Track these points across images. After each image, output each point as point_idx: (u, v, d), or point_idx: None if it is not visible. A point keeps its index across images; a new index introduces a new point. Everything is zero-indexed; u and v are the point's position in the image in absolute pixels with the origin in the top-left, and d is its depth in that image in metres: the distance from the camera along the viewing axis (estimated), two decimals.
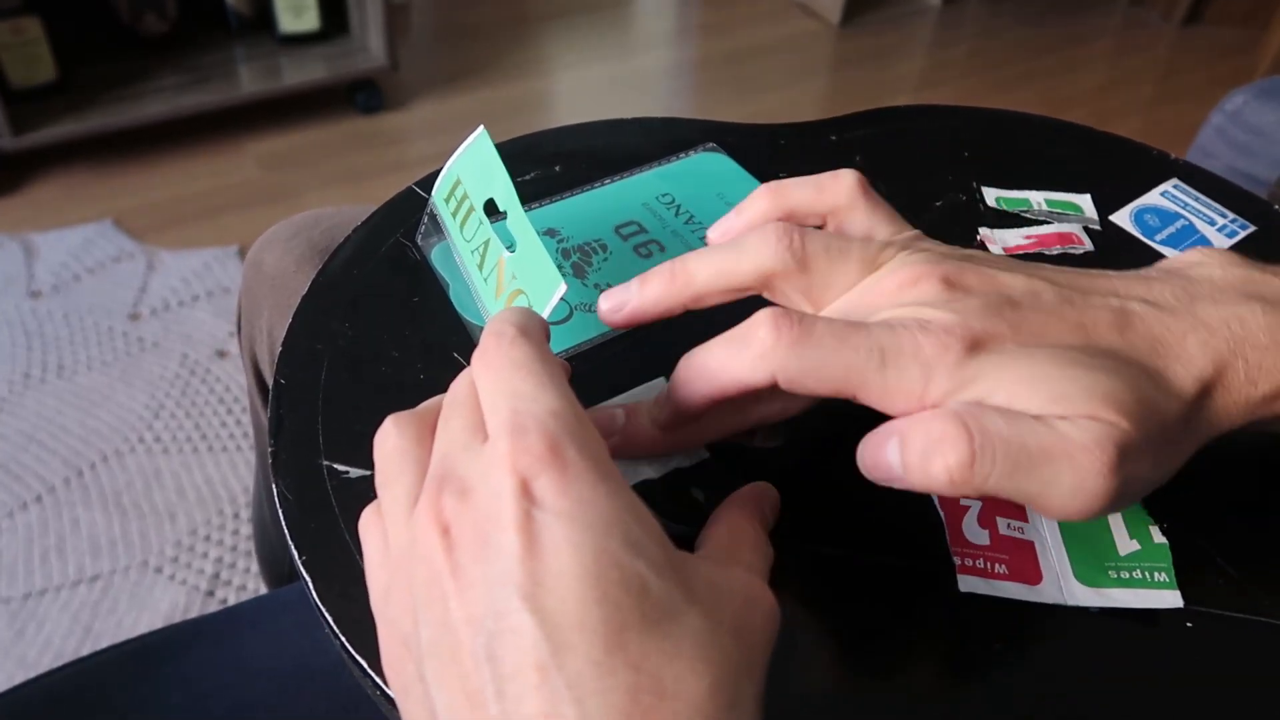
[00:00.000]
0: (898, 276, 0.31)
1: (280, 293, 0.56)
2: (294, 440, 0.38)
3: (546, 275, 0.36)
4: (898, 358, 0.28)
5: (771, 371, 0.29)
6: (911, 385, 0.28)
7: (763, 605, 0.26)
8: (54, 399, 1.29)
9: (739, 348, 0.30)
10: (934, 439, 0.27)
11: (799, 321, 0.29)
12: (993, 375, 0.28)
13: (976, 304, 0.30)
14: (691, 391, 0.31)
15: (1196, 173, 0.54)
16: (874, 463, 0.29)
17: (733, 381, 0.30)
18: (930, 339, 0.28)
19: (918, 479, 0.28)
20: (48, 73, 1.59)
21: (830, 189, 0.36)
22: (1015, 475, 0.27)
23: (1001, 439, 0.27)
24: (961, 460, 0.27)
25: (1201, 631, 0.33)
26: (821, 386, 0.29)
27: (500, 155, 0.39)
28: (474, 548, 0.24)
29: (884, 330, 0.29)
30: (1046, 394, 0.27)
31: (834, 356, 0.28)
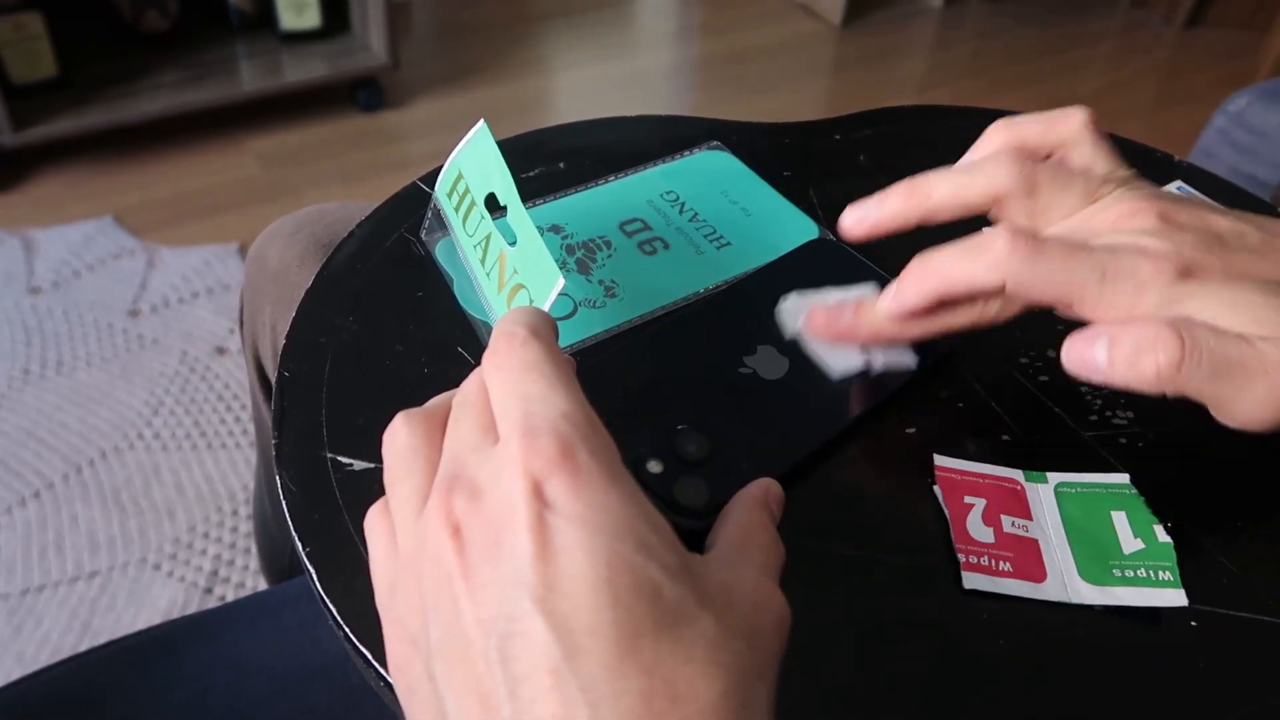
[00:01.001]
0: (1119, 208, 0.35)
1: (283, 288, 0.56)
2: (298, 433, 0.38)
3: (546, 270, 0.36)
4: (1116, 275, 0.32)
5: (1004, 276, 0.33)
6: (1126, 299, 0.32)
7: (774, 608, 0.26)
8: (53, 395, 1.29)
9: (976, 253, 0.33)
10: (1147, 340, 0.30)
11: (1032, 237, 0.33)
12: (1200, 298, 0.31)
13: (1189, 238, 0.33)
14: (923, 286, 0.35)
15: (1200, 175, 0.54)
16: (1079, 357, 0.32)
17: (965, 281, 0.34)
18: (1147, 262, 0.32)
19: (1123, 373, 0.31)
20: (49, 69, 1.59)
21: (1059, 125, 0.39)
22: (1214, 380, 0.30)
23: (1208, 347, 0.30)
24: (1171, 359, 0.30)
25: (1205, 630, 0.33)
26: (1046, 294, 0.33)
27: (503, 151, 0.39)
28: (485, 549, 0.24)
29: (1106, 251, 0.32)
30: (1250, 317, 0.31)
31: (1061, 269, 0.32)
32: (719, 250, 0.47)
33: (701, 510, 0.33)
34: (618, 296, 0.44)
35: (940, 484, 0.37)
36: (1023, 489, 0.37)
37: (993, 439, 0.39)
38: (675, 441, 0.36)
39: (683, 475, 0.35)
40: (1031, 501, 0.37)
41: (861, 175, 0.53)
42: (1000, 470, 0.38)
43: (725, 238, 0.48)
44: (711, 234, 0.48)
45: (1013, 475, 0.38)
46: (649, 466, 0.35)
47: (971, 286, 0.34)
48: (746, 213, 0.49)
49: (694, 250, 0.47)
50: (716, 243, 0.48)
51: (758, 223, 0.49)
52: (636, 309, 0.44)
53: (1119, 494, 0.37)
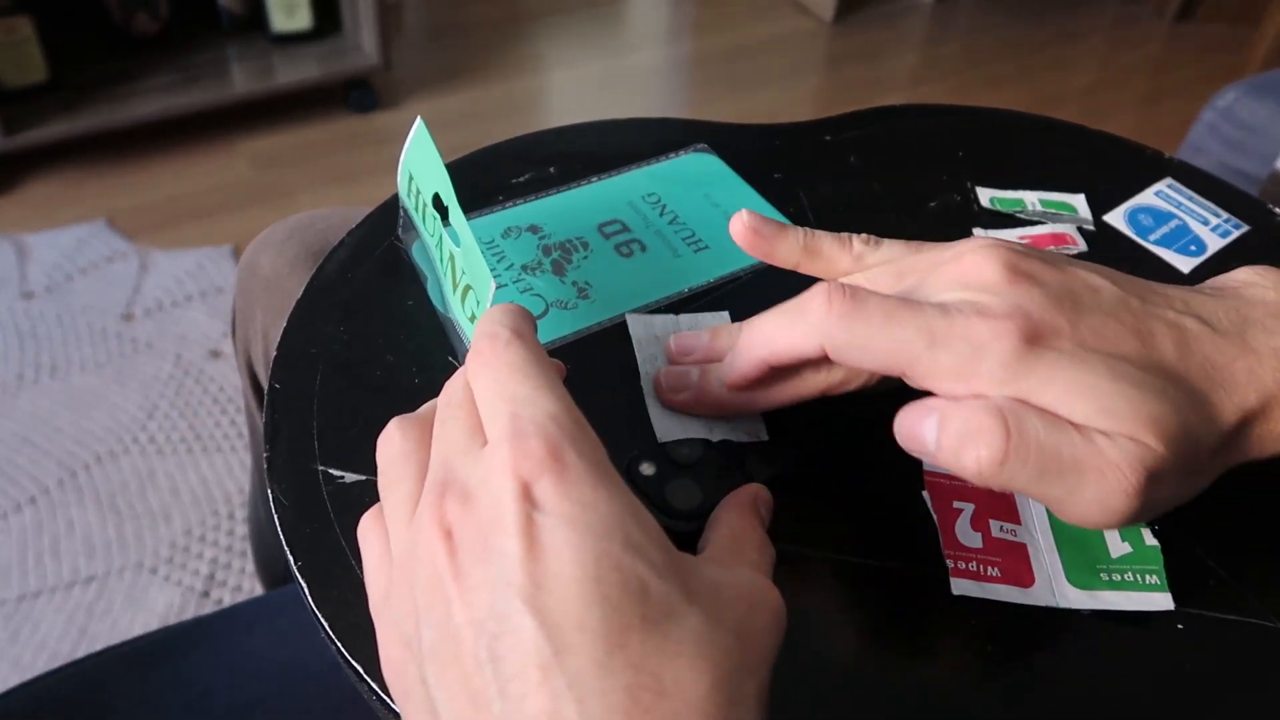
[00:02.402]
0: (960, 263, 0.32)
1: (274, 295, 0.56)
2: (289, 445, 0.38)
3: (482, 274, 0.36)
4: (948, 339, 0.29)
5: (820, 342, 0.31)
6: (961, 367, 0.29)
7: (769, 603, 0.27)
8: (47, 400, 1.29)
9: (794, 317, 0.32)
10: (972, 428, 0.28)
11: (852, 296, 0.30)
12: (1044, 374, 0.29)
13: (1037, 294, 0.30)
14: (751, 356, 0.34)
15: (1190, 172, 0.54)
16: (910, 434, 0.30)
17: (786, 349, 0.32)
18: (986, 325, 0.29)
19: (947, 460, 0.29)
20: (39, 72, 1.58)
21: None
22: (1042, 480, 0.28)
23: (1037, 444, 0.28)
24: (994, 456, 0.28)
25: (1192, 633, 0.34)
26: (869, 360, 0.30)
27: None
28: (476, 551, 0.24)
29: (937, 311, 0.30)
30: (1094, 405, 0.28)
31: (882, 332, 0.30)
32: (696, 254, 0.47)
33: (693, 513, 0.34)
34: (590, 298, 0.45)
35: (929, 489, 0.37)
36: (1011, 494, 0.37)
37: None
38: (668, 444, 0.36)
39: (674, 478, 0.35)
40: (1020, 506, 0.37)
41: (852, 176, 0.53)
42: None
43: (704, 241, 0.48)
44: (690, 237, 0.48)
45: None
46: (641, 468, 0.35)
47: (795, 353, 0.32)
48: (727, 216, 0.49)
49: (671, 253, 0.47)
50: (694, 246, 0.48)
51: None
52: (608, 311, 0.44)
53: None
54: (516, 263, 0.46)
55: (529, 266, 0.46)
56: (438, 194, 0.40)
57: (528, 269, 0.46)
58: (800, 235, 0.37)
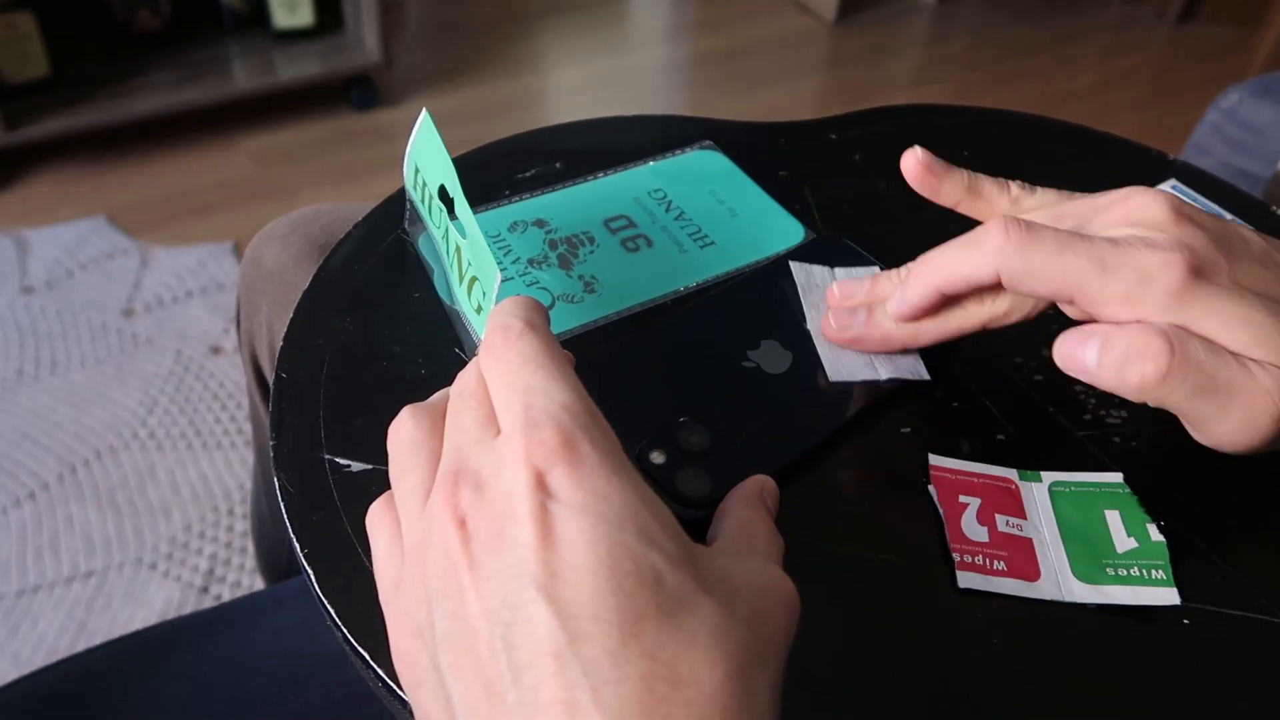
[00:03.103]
0: (1127, 204, 0.34)
1: (280, 288, 0.56)
2: (295, 434, 0.38)
3: (488, 265, 0.36)
4: (1119, 267, 0.31)
5: (996, 268, 0.32)
6: (1129, 293, 0.31)
7: (782, 593, 0.27)
8: (48, 396, 1.29)
9: (972, 246, 0.33)
10: (1139, 345, 0.30)
11: (1027, 226, 0.32)
12: (1205, 304, 0.30)
13: (1200, 235, 0.32)
14: (924, 283, 0.35)
15: (1195, 174, 0.54)
16: (1070, 355, 0.32)
17: (961, 275, 0.34)
18: (1156, 255, 0.31)
19: (1109, 377, 0.31)
20: (40, 68, 1.58)
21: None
22: (1197, 396, 0.30)
23: (1198, 364, 0.30)
24: (1158, 371, 0.30)
25: (1198, 628, 0.34)
26: (1042, 286, 0.32)
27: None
28: (490, 540, 0.24)
29: (1108, 243, 0.32)
30: (1251, 335, 0.30)
31: (1056, 259, 0.32)
32: (702, 250, 0.47)
33: (703, 501, 0.34)
34: (596, 292, 0.45)
35: (935, 483, 0.37)
36: (1017, 488, 0.37)
37: (987, 438, 0.39)
38: (678, 433, 0.36)
39: (685, 466, 0.35)
40: (1026, 501, 0.37)
41: (856, 175, 0.53)
42: (995, 470, 0.38)
43: (710, 237, 0.48)
44: (696, 233, 0.48)
45: (1007, 475, 0.38)
46: (652, 457, 0.35)
47: (969, 279, 0.34)
48: (733, 213, 0.49)
49: (677, 249, 0.47)
50: (700, 242, 0.48)
51: (743, 223, 0.49)
52: (614, 305, 0.44)
53: (1113, 493, 0.37)
54: (523, 256, 0.46)
55: (535, 260, 0.46)
56: (444, 186, 0.40)
57: (534, 263, 0.46)
58: (965, 176, 0.39)
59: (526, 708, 0.22)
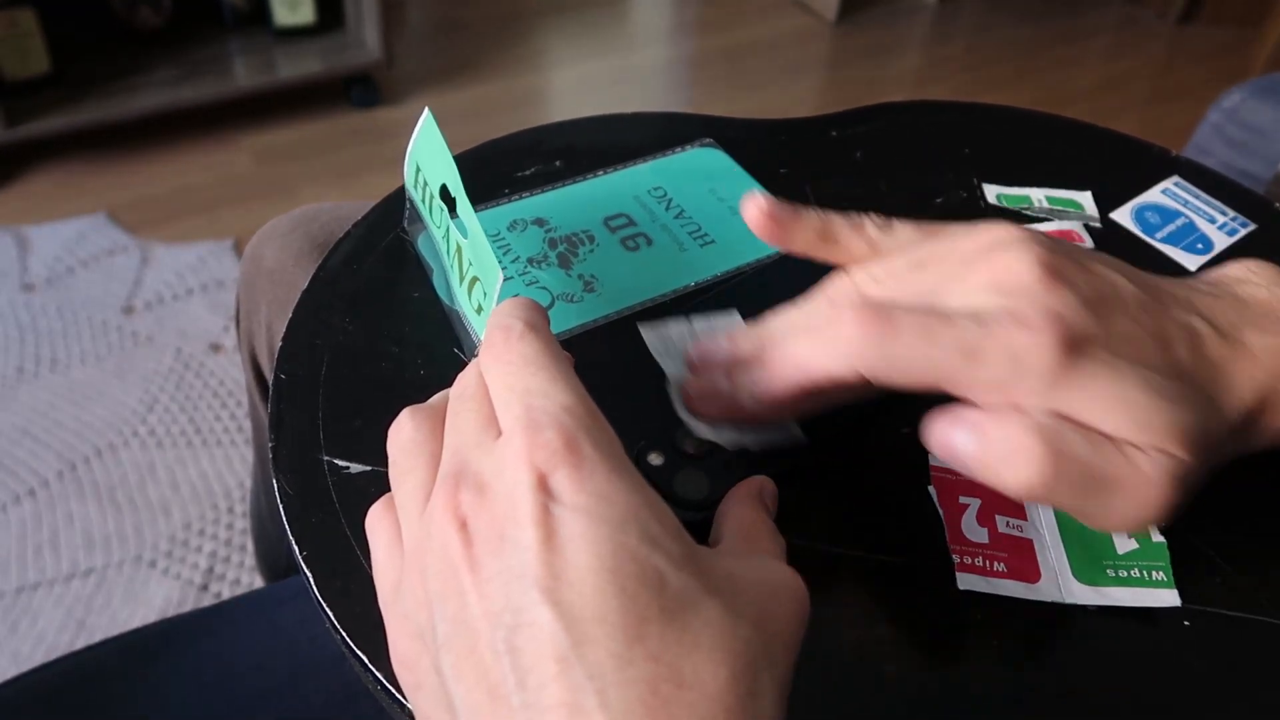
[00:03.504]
0: (994, 262, 0.31)
1: (279, 288, 0.56)
2: (294, 436, 0.38)
3: (490, 265, 0.36)
4: (987, 353, 0.29)
5: (855, 366, 0.30)
6: (1001, 381, 0.29)
7: (791, 590, 0.27)
8: (47, 393, 1.29)
9: (825, 340, 0.31)
10: (1015, 448, 0.28)
11: (883, 317, 0.30)
12: (1082, 386, 0.29)
13: (1073, 299, 0.30)
14: (784, 379, 0.33)
15: (1197, 170, 0.54)
16: (944, 444, 0.29)
17: (820, 372, 0.32)
18: (1027, 336, 0.29)
19: (987, 476, 0.29)
20: (41, 65, 1.58)
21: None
22: (1080, 495, 0.28)
23: (1079, 464, 0.28)
24: (1039, 476, 0.28)
25: (1199, 630, 0.34)
26: (906, 380, 0.30)
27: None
28: (492, 542, 0.24)
29: (973, 324, 0.29)
30: (1130, 419, 0.28)
31: (919, 352, 0.29)
32: (702, 248, 0.47)
33: (701, 503, 0.34)
34: (596, 292, 0.44)
35: (935, 484, 0.37)
36: None
37: None
38: (676, 435, 0.36)
39: (683, 468, 0.35)
40: (1026, 501, 0.37)
41: (858, 172, 0.53)
42: None
43: (710, 235, 0.48)
44: (696, 231, 0.48)
45: None
46: (650, 459, 0.35)
47: (828, 378, 0.32)
48: (733, 211, 0.49)
49: (677, 247, 0.47)
50: (700, 240, 0.48)
51: (744, 222, 0.49)
52: (614, 305, 0.44)
53: None
54: (522, 255, 0.46)
55: (535, 259, 0.46)
56: (445, 185, 0.39)
57: (534, 262, 0.46)
58: (816, 220, 0.36)
59: (530, 710, 0.22)
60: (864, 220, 0.36)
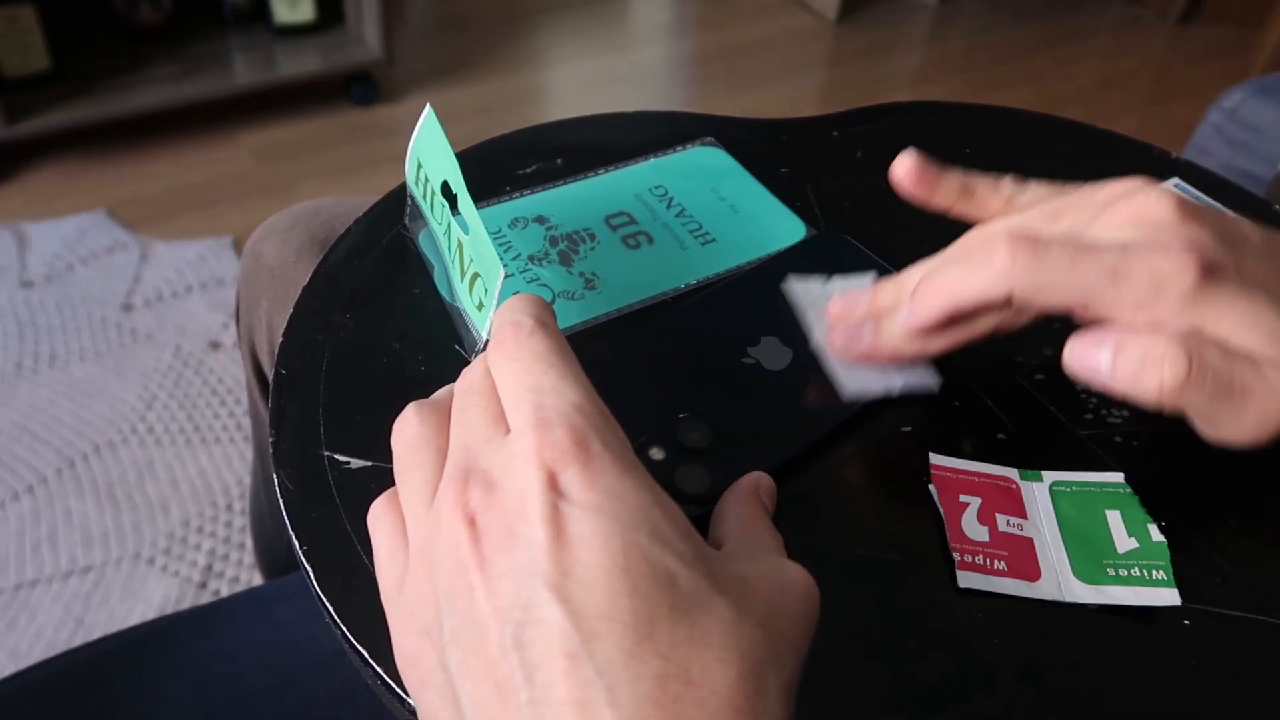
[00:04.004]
0: (1131, 203, 0.33)
1: (280, 284, 0.56)
2: (295, 431, 0.37)
3: (492, 262, 0.36)
4: (1131, 274, 0.31)
5: (1008, 288, 0.32)
6: (1143, 299, 0.30)
7: (801, 589, 0.27)
8: (46, 389, 1.29)
9: (979, 266, 0.32)
10: (1155, 354, 0.30)
11: (1034, 241, 0.32)
12: (1219, 305, 0.30)
13: (1208, 233, 0.32)
14: (933, 305, 0.35)
15: (1197, 172, 0.54)
16: (1082, 359, 0.31)
17: (971, 296, 0.33)
18: (1168, 260, 0.30)
19: (1125, 383, 0.30)
20: (41, 62, 1.58)
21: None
22: (1213, 403, 0.30)
23: (1215, 369, 0.30)
24: (1177, 378, 0.29)
25: (1199, 629, 0.34)
26: (1056, 300, 0.32)
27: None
28: (501, 539, 0.24)
29: (1118, 250, 0.31)
30: (1263, 336, 0.30)
31: (1068, 275, 0.31)
32: (703, 246, 0.47)
33: (702, 497, 0.34)
34: (597, 289, 0.44)
35: (935, 482, 0.37)
36: (1018, 488, 0.37)
37: (988, 438, 0.39)
38: (677, 429, 0.36)
39: (684, 463, 0.35)
40: (1026, 500, 0.37)
41: (858, 172, 0.53)
42: (995, 469, 0.38)
43: (711, 234, 0.48)
44: (697, 230, 0.48)
45: (1008, 474, 0.38)
46: (651, 453, 0.35)
47: (979, 300, 0.33)
48: (734, 210, 0.49)
49: (678, 246, 0.47)
50: (701, 239, 0.48)
51: (745, 220, 0.49)
52: (615, 302, 0.44)
53: (1113, 493, 0.37)
54: (523, 253, 0.46)
55: (536, 257, 0.46)
56: (447, 182, 0.39)
57: (535, 259, 0.46)
58: (958, 179, 0.39)
59: (538, 707, 0.22)
60: (1004, 179, 0.39)
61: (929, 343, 0.37)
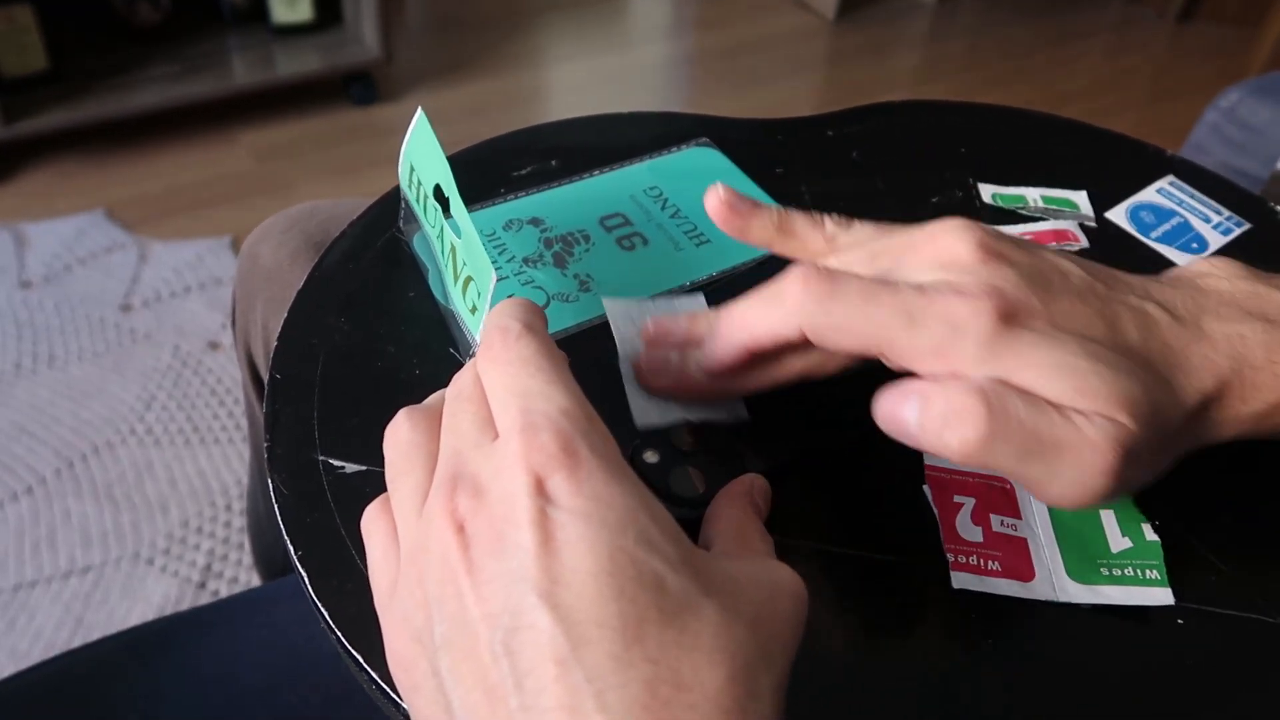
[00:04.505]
0: (935, 244, 0.32)
1: (275, 286, 0.56)
2: (290, 435, 0.38)
3: (484, 265, 0.36)
4: (926, 318, 0.29)
5: (799, 325, 0.30)
6: (939, 346, 0.29)
7: (789, 590, 0.27)
8: (45, 390, 1.29)
9: (771, 301, 0.31)
10: (955, 409, 0.28)
11: (828, 278, 0.30)
12: (1021, 353, 0.29)
13: (1011, 274, 0.30)
14: (730, 342, 0.33)
15: (1192, 170, 0.54)
16: (890, 416, 0.29)
17: (765, 333, 0.32)
18: (964, 303, 0.29)
19: (930, 442, 0.28)
20: (39, 62, 1.58)
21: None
22: (1024, 459, 0.28)
23: (1019, 423, 0.28)
24: (979, 435, 0.28)
25: (1192, 628, 0.34)
26: (847, 342, 0.30)
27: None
28: (490, 545, 0.24)
29: (914, 291, 0.30)
30: (1071, 384, 0.28)
31: (860, 313, 0.30)
32: (698, 248, 0.47)
33: (696, 500, 0.34)
34: (592, 291, 0.44)
35: (930, 483, 0.37)
36: (1011, 488, 0.37)
37: None
38: (671, 432, 0.36)
39: (678, 465, 0.35)
40: (1020, 500, 0.37)
41: (854, 172, 0.53)
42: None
43: (705, 235, 0.48)
44: (692, 231, 0.48)
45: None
46: (645, 456, 0.35)
47: (774, 337, 0.32)
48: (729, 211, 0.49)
49: (673, 247, 0.47)
50: (696, 240, 0.48)
51: None
52: None
53: None
54: (518, 255, 0.46)
55: (530, 259, 0.46)
56: (439, 185, 0.40)
57: (529, 261, 0.46)
58: (774, 214, 0.37)
59: (529, 712, 0.22)
60: (824, 217, 0.37)
61: (733, 381, 0.35)
